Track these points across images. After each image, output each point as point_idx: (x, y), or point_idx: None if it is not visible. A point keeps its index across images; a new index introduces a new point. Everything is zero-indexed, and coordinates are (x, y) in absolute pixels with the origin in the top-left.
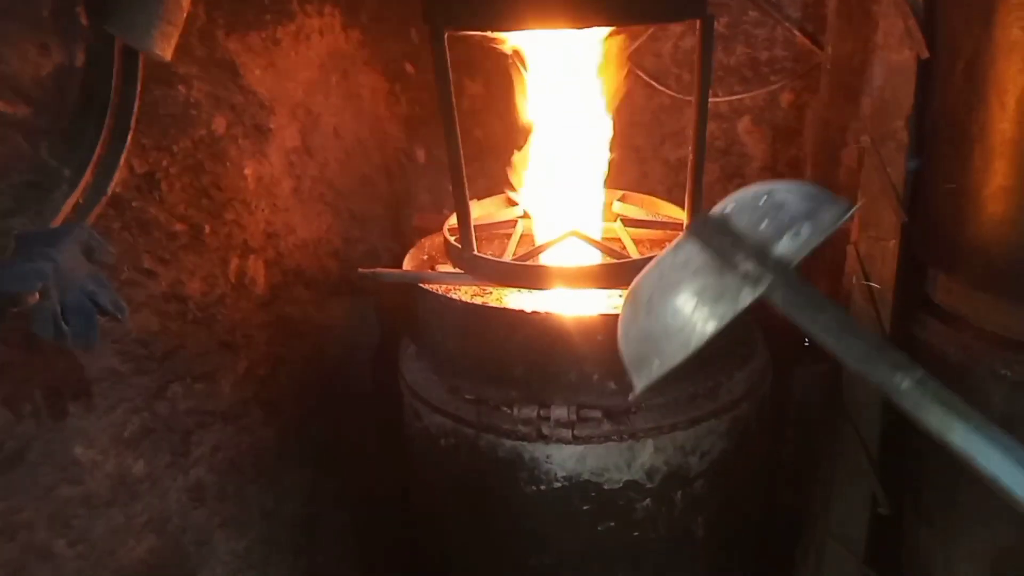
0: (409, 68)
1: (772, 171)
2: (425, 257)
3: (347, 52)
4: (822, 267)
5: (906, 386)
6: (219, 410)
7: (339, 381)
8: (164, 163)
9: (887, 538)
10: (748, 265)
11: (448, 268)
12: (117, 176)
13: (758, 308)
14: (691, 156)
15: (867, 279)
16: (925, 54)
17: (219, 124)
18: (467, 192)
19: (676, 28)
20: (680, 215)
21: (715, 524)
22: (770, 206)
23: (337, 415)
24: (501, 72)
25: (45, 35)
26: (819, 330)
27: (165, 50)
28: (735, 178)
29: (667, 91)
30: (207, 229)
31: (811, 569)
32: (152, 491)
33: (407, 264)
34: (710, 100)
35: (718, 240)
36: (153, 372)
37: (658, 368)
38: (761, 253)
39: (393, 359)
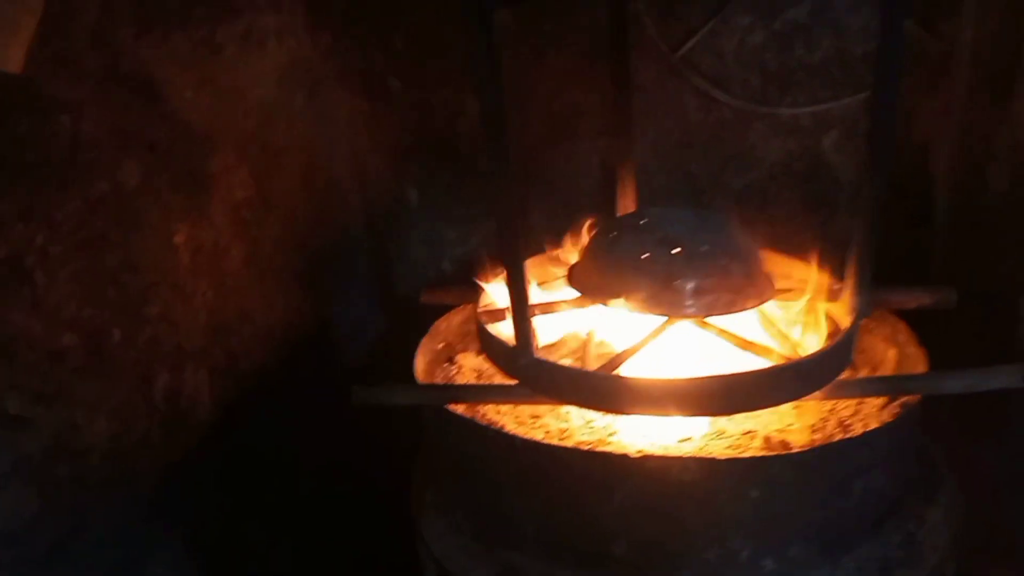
0: (395, 83)
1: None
2: (441, 346)
3: (314, 63)
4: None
5: None
6: None
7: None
8: (39, 240)
9: None
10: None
11: (472, 361)
12: None
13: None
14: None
15: None
16: None
17: (130, 173)
18: (524, 263)
19: (741, 20)
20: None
21: None
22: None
23: None
24: (516, 75)
25: None
26: None
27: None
28: (822, 208)
29: (731, 101)
30: (116, 336)
31: None
32: None
33: (421, 364)
34: (787, 112)
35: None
36: None
37: None
38: None
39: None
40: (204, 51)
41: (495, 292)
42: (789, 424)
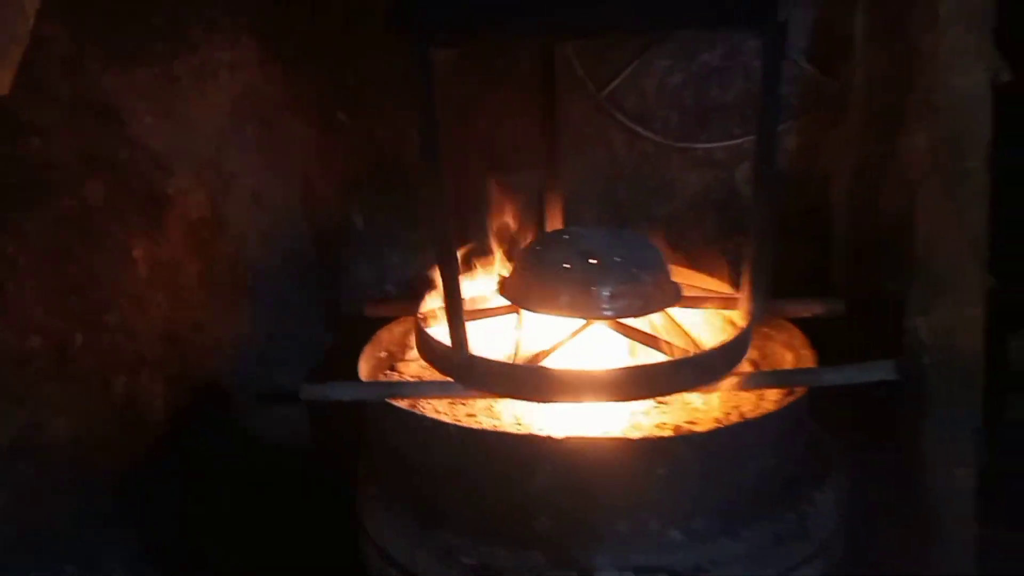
0: (342, 116)
1: (782, 225)
2: (383, 355)
3: (266, 94)
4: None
5: None
6: None
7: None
8: (10, 251)
9: None
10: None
11: (413, 369)
12: None
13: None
14: (755, 219)
15: (948, 355)
16: (1007, 76)
17: (94, 191)
18: (458, 271)
19: (662, 63)
20: (722, 288)
21: None
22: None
23: None
24: (458, 109)
25: None
26: None
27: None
28: (736, 235)
29: (652, 136)
30: (79, 341)
31: None
32: None
33: (364, 368)
34: (704, 147)
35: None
36: None
37: None
38: None
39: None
40: (163, 82)
41: (434, 302)
42: (699, 417)
